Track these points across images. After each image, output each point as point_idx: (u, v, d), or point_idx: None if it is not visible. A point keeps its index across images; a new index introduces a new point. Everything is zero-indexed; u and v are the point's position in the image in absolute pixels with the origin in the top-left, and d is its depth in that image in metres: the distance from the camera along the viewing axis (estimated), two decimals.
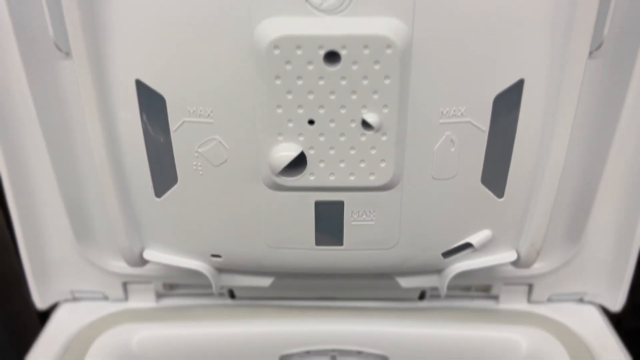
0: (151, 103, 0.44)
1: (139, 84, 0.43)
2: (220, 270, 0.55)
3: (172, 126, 0.44)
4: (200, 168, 0.46)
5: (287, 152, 0.43)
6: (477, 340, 0.60)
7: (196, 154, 0.45)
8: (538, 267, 0.59)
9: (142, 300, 0.63)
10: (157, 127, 0.45)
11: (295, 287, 0.63)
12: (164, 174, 0.47)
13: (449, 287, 0.55)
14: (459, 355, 0.61)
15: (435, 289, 0.62)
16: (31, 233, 0.57)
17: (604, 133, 0.52)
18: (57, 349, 0.58)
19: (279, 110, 0.41)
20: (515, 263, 0.52)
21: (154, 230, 0.51)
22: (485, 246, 0.51)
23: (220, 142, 0.44)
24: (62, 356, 0.57)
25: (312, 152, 0.43)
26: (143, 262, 0.53)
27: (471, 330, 0.60)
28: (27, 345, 0.58)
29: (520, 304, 0.63)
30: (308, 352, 0.62)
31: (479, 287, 0.64)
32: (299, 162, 0.44)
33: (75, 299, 0.63)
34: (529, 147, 0.46)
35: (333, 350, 0.62)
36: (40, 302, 0.61)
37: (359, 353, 0.62)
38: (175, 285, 0.64)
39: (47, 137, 0.51)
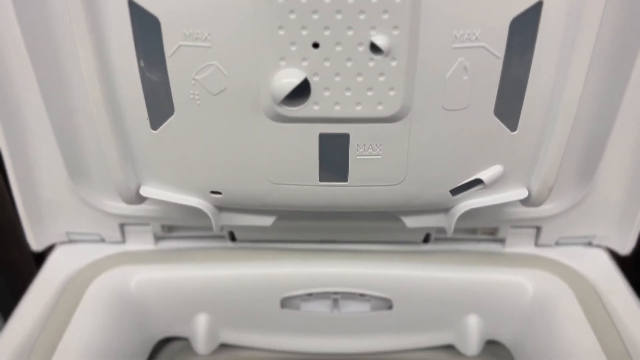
0: (145, 26, 0.41)
1: (132, 5, 0.40)
2: (221, 208, 0.53)
3: (168, 51, 0.42)
4: (198, 97, 0.43)
5: (289, 79, 0.40)
6: (482, 283, 0.59)
7: (193, 82, 0.42)
8: (547, 208, 0.57)
9: (140, 242, 0.62)
10: (152, 53, 0.42)
11: (297, 228, 0.61)
12: (160, 104, 0.45)
13: (455, 230, 0.53)
14: (464, 299, 0.60)
15: (440, 231, 0.61)
16: (24, 172, 0.55)
17: (622, 68, 0.49)
18: (54, 290, 0.56)
19: (281, 32, 0.39)
20: (526, 201, 0.51)
21: (151, 165, 0.49)
22: (496, 183, 0.49)
23: (218, 68, 0.41)
24: (58, 297, 0.56)
25: (316, 79, 0.41)
26: (140, 199, 0.51)
27: (476, 273, 0.59)
28: (24, 290, 0.57)
29: (527, 248, 0.62)
30: (310, 295, 0.61)
31: (485, 230, 0.62)
32: (302, 91, 0.41)
33: (71, 241, 0.62)
34: (545, 77, 0.44)
35: (335, 293, 0.61)
36: (35, 243, 0.59)
37: (361, 296, 0.61)
38: (173, 227, 0.62)
39: (37, 70, 0.49)
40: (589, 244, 0.62)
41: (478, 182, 0.49)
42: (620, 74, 0.49)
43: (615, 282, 0.58)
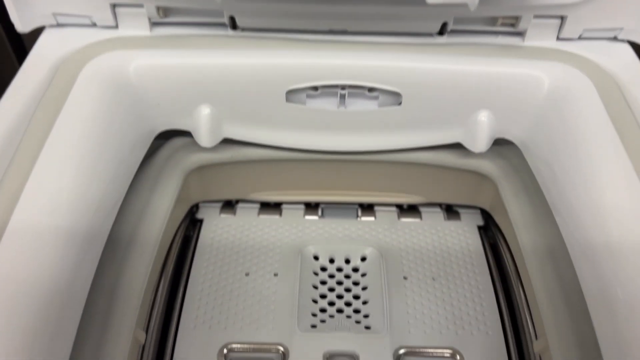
0: None
1: None
2: None
3: None
4: None
5: None
6: (497, 76, 0.56)
7: None
8: None
9: (135, 27, 0.57)
10: None
11: (305, 14, 0.56)
12: None
13: (473, 20, 0.49)
14: (476, 93, 0.57)
15: (458, 21, 0.56)
16: None
17: None
18: (45, 72, 0.53)
19: None
20: None
21: None
22: None
23: None
24: (51, 79, 0.52)
25: None
26: None
27: (491, 67, 0.56)
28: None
29: (548, 42, 0.58)
30: (316, 90, 0.59)
31: (506, 21, 0.57)
32: None
33: (59, 25, 0.57)
34: None
35: (342, 88, 0.58)
36: (20, 24, 0.55)
37: (370, 92, 0.58)
38: (169, 10, 0.57)
39: None
40: (614, 39, 0.58)
41: None
42: None
43: (638, 75, 0.55)
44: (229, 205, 0.74)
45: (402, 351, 0.57)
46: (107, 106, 0.53)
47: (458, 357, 0.56)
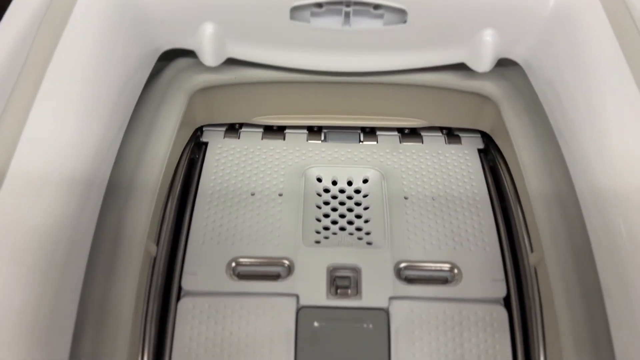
0: None
1: None
2: None
3: None
4: None
5: None
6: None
7: None
8: None
9: None
10: None
11: None
12: None
13: None
14: (482, 10, 0.56)
15: None
16: None
17: None
18: None
19: None
20: None
21: None
22: None
23: None
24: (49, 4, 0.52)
25: None
26: None
27: None
28: None
29: None
30: (320, 7, 0.58)
31: None
32: None
33: None
34: None
35: (348, 4, 0.58)
36: None
37: (375, 7, 0.58)
38: None
39: None
40: None
41: None
42: None
43: None
44: (232, 129, 0.75)
45: (402, 265, 0.59)
46: (111, 23, 0.53)
47: (456, 270, 0.59)
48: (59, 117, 0.45)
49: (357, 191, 0.68)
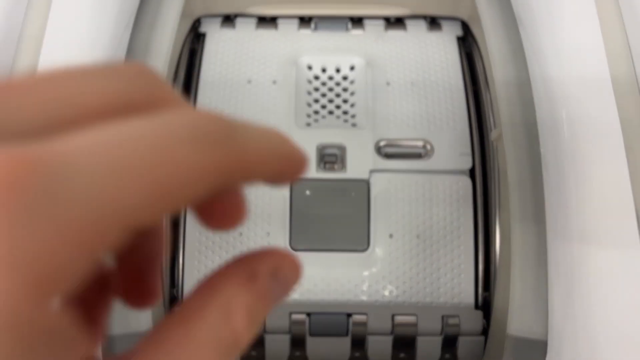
0: None
1: None
2: None
3: None
4: None
5: None
6: None
7: None
8: None
9: None
10: None
11: None
12: None
13: None
14: None
15: None
16: None
17: None
18: None
19: None
20: None
21: None
22: None
23: None
24: None
25: None
26: None
27: None
28: None
29: None
30: None
31: None
32: None
33: None
34: None
35: None
36: None
37: None
38: None
39: None
40: None
41: None
42: None
43: None
44: (228, 20, 0.80)
45: (382, 143, 0.68)
46: None
47: (428, 146, 0.67)
48: (75, 17, 0.51)
49: (345, 77, 0.75)
